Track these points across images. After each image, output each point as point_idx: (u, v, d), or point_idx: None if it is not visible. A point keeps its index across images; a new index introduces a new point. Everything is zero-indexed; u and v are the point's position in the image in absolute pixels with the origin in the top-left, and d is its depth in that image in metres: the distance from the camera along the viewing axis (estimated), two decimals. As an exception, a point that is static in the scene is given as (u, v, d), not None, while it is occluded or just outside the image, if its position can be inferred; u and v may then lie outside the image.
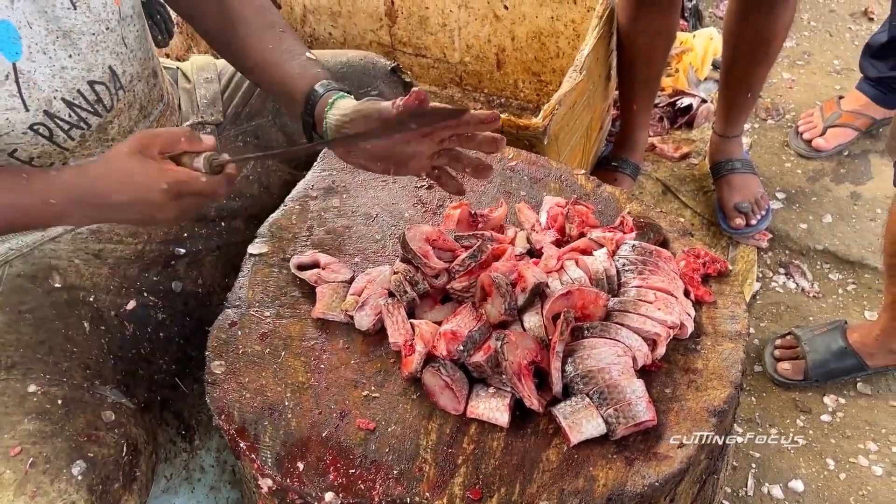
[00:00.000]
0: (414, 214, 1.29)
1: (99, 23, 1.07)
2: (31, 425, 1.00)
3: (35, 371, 1.07)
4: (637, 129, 2.11)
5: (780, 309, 1.93)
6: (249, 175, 1.41)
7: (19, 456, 0.97)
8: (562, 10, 1.98)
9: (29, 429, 1.00)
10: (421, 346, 1.03)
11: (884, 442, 1.66)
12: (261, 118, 1.42)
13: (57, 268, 1.18)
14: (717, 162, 2.11)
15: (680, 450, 0.95)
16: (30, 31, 1.00)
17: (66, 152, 1.11)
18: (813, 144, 2.23)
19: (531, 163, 1.35)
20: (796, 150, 2.27)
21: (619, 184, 2.07)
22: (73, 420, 1.04)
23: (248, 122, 1.42)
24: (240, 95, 1.42)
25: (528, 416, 1.00)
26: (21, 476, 0.95)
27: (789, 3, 1.77)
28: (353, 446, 0.99)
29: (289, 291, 1.18)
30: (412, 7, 2.16)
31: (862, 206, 2.11)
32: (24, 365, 1.07)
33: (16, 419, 1.01)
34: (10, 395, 1.03)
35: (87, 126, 1.11)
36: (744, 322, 1.09)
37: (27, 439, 0.99)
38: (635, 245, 1.13)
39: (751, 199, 2.03)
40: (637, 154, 2.14)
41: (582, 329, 1.02)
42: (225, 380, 1.06)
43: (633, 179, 2.14)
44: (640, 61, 1.95)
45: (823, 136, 2.22)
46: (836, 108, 2.24)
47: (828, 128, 2.23)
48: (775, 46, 1.85)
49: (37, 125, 1.05)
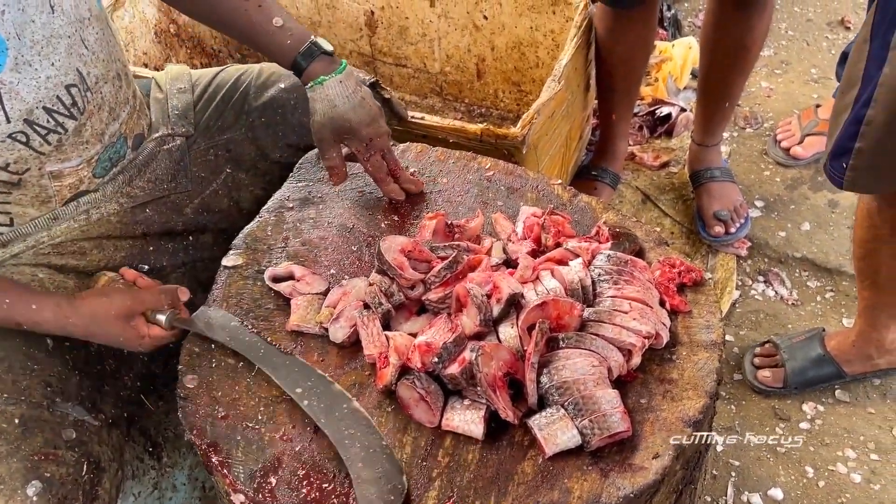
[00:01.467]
0: (390, 225, 1.28)
1: (72, 24, 1.07)
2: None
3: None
4: (617, 139, 2.12)
5: (759, 317, 1.94)
6: (219, 190, 1.39)
7: None
8: (541, 20, 1.99)
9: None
10: (395, 359, 1.02)
11: (862, 449, 1.67)
12: (233, 132, 1.40)
13: (19, 283, 1.17)
14: (696, 170, 2.12)
15: (655, 461, 0.94)
16: (18, 43, 0.99)
17: (41, 157, 1.11)
18: (791, 153, 2.25)
19: (508, 173, 1.35)
20: (774, 158, 2.29)
21: (598, 193, 2.09)
22: (30, 439, 1.02)
23: (220, 135, 1.40)
24: (213, 108, 1.40)
25: (504, 428, 1.00)
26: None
27: (766, 12, 1.79)
28: (327, 461, 0.98)
29: (263, 304, 1.17)
30: (392, 17, 2.16)
31: (839, 214, 2.13)
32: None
33: None
34: None
35: (64, 130, 1.12)
36: (719, 331, 1.09)
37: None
38: (610, 255, 1.12)
39: (730, 207, 2.04)
40: (617, 163, 2.15)
41: (557, 340, 1.02)
42: (198, 394, 1.05)
43: (612, 189, 2.15)
44: (619, 72, 1.96)
45: (801, 145, 2.24)
46: (814, 117, 2.26)
47: (806, 136, 2.25)
48: (752, 54, 1.87)
49: (16, 133, 1.04)
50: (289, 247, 1.25)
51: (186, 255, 1.35)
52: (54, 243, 1.21)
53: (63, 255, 1.22)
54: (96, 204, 1.24)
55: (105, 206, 1.26)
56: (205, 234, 1.38)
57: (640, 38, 1.90)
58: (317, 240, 1.26)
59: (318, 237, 1.27)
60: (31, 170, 1.12)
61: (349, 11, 2.20)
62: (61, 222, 1.22)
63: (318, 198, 1.33)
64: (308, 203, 1.32)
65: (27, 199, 1.16)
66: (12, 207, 1.16)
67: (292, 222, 1.29)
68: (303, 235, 1.27)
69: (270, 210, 1.31)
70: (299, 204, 1.32)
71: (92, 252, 1.25)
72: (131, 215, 1.29)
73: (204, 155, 1.39)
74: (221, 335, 1.10)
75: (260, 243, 1.25)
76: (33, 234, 1.20)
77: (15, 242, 1.19)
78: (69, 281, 1.22)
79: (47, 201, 1.18)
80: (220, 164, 1.39)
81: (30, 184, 1.14)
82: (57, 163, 1.14)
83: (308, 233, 1.27)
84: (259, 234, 1.27)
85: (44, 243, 1.21)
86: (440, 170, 1.36)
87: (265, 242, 1.26)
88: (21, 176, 1.12)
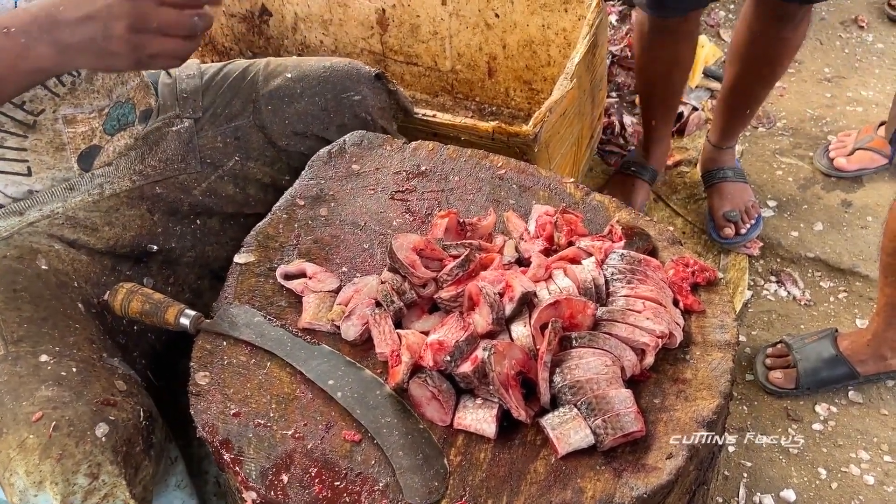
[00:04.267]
0: (402, 223, 1.28)
1: None
2: (49, 392, 0.99)
3: (43, 343, 1.06)
4: (657, 140, 2.11)
5: (771, 317, 1.93)
6: (225, 175, 1.42)
7: (41, 421, 0.96)
8: (552, 18, 1.98)
9: (48, 395, 0.99)
10: (407, 357, 1.02)
11: (875, 451, 1.66)
12: (240, 119, 1.43)
13: (39, 251, 1.19)
14: (708, 170, 2.11)
15: (669, 461, 0.94)
16: None
17: (56, 98, 1.16)
18: (835, 164, 2.20)
19: (520, 171, 1.35)
20: (817, 166, 2.24)
21: (636, 189, 2.10)
22: (90, 386, 1.03)
23: (228, 122, 1.43)
24: (220, 95, 1.44)
25: (516, 428, 0.99)
26: (45, 440, 0.94)
27: (801, 27, 1.75)
28: (339, 458, 0.98)
29: (275, 301, 1.17)
30: (403, 15, 2.16)
31: (853, 215, 2.11)
32: (31, 339, 1.06)
33: (32, 387, 1.00)
34: (23, 364, 1.02)
35: (78, 73, 1.17)
36: (733, 331, 1.08)
37: (47, 405, 0.98)
38: (624, 254, 1.12)
39: (741, 207, 2.02)
40: (657, 161, 2.14)
41: (570, 339, 1.01)
42: (209, 391, 1.05)
43: (650, 185, 2.14)
44: (657, 87, 1.96)
45: (848, 157, 2.19)
46: (872, 132, 2.21)
47: (857, 149, 2.19)
48: (783, 67, 1.85)
49: None
50: (300, 244, 1.25)
51: (194, 238, 1.38)
52: (68, 215, 1.24)
53: (75, 228, 1.24)
54: (109, 179, 1.28)
55: (118, 182, 1.29)
56: (212, 219, 1.41)
57: (679, 57, 1.87)
58: (328, 238, 1.26)
59: (329, 235, 1.26)
60: (45, 111, 1.16)
61: (360, 9, 2.20)
62: (76, 194, 1.25)
63: (329, 195, 1.33)
64: (319, 201, 1.32)
65: (42, 145, 1.20)
66: (29, 154, 1.19)
67: (304, 220, 1.29)
68: (314, 233, 1.27)
69: (282, 208, 1.31)
70: (311, 202, 1.32)
71: (103, 228, 1.27)
72: (139, 192, 1.31)
73: (212, 142, 1.42)
74: (248, 333, 1.10)
75: (272, 241, 1.25)
76: (49, 203, 1.23)
77: (31, 210, 1.22)
78: (82, 256, 1.24)
79: (61, 148, 1.22)
80: (230, 151, 1.42)
81: (45, 127, 1.18)
82: (70, 107, 1.19)
83: (320, 230, 1.27)
84: (271, 232, 1.27)
85: (59, 213, 1.23)
86: (452, 168, 1.36)
87: (277, 240, 1.26)
88: (36, 118, 1.16)
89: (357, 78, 1.47)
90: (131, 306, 1.13)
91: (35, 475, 0.93)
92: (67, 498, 0.93)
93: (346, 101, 1.46)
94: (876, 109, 2.43)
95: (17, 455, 0.94)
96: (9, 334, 1.05)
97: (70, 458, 0.94)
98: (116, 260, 1.29)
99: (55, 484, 0.92)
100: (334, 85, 1.45)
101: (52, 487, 0.92)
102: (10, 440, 0.95)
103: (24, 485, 0.93)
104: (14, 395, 0.99)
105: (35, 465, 0.93)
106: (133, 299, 1.14)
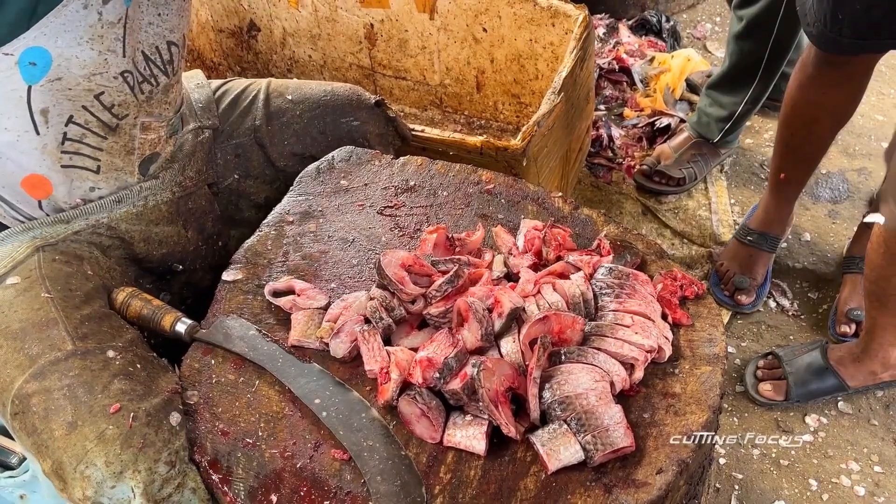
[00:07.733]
0: (391, 239, 1.28)
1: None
2: (122, 384, 1.01)
3: (106, 340, 1.07)
4: (783, 202, 1.91)
5: (760, 328, 1.94)
6: (222, 193, 1.42)
7: (119, 412, 0.97)
8: (540, 32, 1.99)
9: (122, 388, 1.00)
10: (396, 374, 1.02)
11: (866, 461, 1.66)
12: (240, 137, 1.44)
13: (83, 257, 1.21)
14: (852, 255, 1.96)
15: (659, 476, 0.94)
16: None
17: (139, 105, 1.20)
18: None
19: (509, 186, 1.35)
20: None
21: (754, 260, 1.94)
22: (156, 380, 1.05)
23: (229, 140, 1.43)
24: (222, 112, 1.44)
25: (506, 444, 0.99)
26: (125, 430, 0.96)
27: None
28: (328, 477, 0.97)
29: (264, 319, 1.17)
30: (392, 30, 2.17)
31: (840, 225, 2.13)
32: (95, 336, 1.07)
33: (105, 380, 1.01)
34: (93, 359, 1.03)
35: (157, 83, 1.21)
36: (721, 345, 1.08)
37: (122, 397, 0.99)
38: (612, 268, 1.12)
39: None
40: (780, 228, 1.96)
41: (559, 354, 1.01)
42: (198, 410, 1.05)
43: (771, 254, 1.97)
44: (802, 131, 1.71)
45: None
46: None
47: None
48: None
49: (126, 73, 1.14)
50: (289, 261, 1.24)
51: (213, 259, 1.39)
52: (111, 225, 1.25)
53: (112, 237, 1.26)
54: (154, 190, 1.29)
55: (161, 193, 1.30)
56: (230, 240, 1.42)
57: (839, 97, 1.61)
58: (317, 254, 1.26)
59: (318, 251, 1.26)
60: (128, 116, 1.19)
61: (349, 24, 2.20)
62: (123, 206, 1.26)
63: (318, 211, 1.33)
64: (308, 217, 1.32)
65: (117, 148, 1.22)
66: (103, 155, 1.21)
67: (292, 236, 1.28)
68: (303, 249, 1.26)
69: (270, 224, 1.31)
70: (299, 218, 1.32)
71: (139, 244, 1.28)
72: (177, 206, 1.32)
73: (214, 158, 1.42)
74: (241, 346, 1.11)
75: (260, 258, 1.25)
76: (95, 214, 1.24)
77: (77, 220, 1.23)
78: (114, 265, 1.25)
79: (131, 153, 1.24)
80: (230, 168, 1.43)
81: (123, 131, 1.21)
82: (147, 115, 1.22)
83: (308, 247, 1.27)
84: (259, 249, 1.26)
85: (102, 224, 1.24)
86: (440, 183, 1.36)
87: (265, 257, 1.25)
88: (120, 121, 1.19)
89: (357, 104, 1.50)
90: (130, 309, 1.15)
91: (116, 465, 0.94)
92: (149, 486, 0.94)
93: (344, 126, 1.48)
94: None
95: (94, 447, 0.95)
96: (73, 330, 1.07)
97: (151, 447, 0.96)
98: (141, 273, 1.30)
99: (137, 472, 0.94)
100: (334, 109, 1.47)
101: (134, 476, 0.94)
102: (86, 432, 0.96)
103: (103, 476, 0.94)
104: (87, 388, 1.00)
105: (116, 454, 0.94)
106: (132, 302, 1.15)
